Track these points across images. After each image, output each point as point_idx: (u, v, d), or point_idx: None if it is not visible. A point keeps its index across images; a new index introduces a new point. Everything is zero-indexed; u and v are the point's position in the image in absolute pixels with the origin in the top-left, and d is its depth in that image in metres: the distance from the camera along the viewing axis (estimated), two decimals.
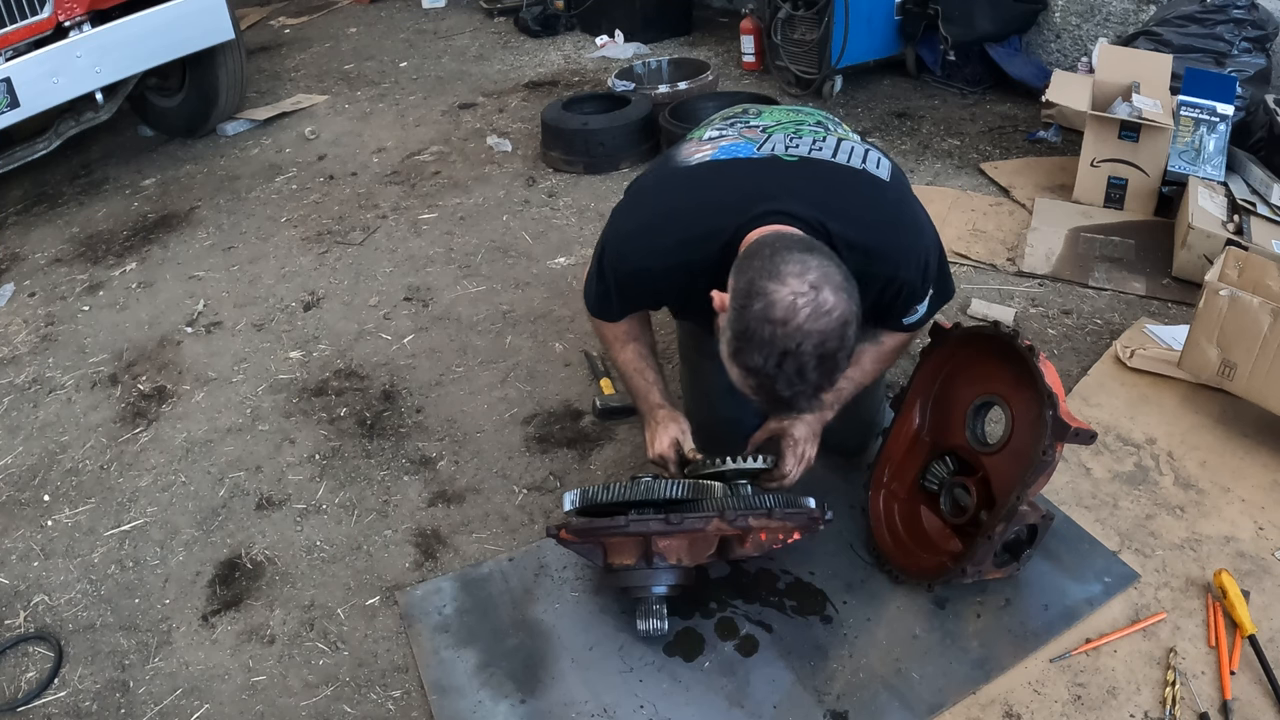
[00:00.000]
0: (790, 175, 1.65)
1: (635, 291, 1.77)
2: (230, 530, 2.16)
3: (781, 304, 1.37)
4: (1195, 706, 1.58)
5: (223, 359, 2.77)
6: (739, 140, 1.73)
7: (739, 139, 1.74)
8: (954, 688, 1.65)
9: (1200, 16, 3.23)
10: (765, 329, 1.38)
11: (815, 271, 1.39)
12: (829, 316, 1.38)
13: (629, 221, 1.76)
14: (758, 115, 1.86)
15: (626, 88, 3.98)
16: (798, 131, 1.75)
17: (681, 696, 1.68)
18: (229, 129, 4.38)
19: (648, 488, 1.72)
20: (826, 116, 1.92)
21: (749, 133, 1.75)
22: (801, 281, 1.38)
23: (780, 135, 1.73)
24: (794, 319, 1.37)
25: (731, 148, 1.71)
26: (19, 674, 1.88)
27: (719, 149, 1.72)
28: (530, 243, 3.23)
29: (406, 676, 1.79)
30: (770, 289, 1.38)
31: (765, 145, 1.70)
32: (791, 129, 1.75)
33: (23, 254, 3.50)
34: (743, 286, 1.42)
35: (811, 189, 1.62)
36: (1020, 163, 3.46)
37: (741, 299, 1.41)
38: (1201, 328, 2.12)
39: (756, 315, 1.38)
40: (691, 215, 1.65)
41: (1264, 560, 1.83)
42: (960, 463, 1.88)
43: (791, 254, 1.42)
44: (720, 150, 1.72)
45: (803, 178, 1.64)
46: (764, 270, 1.41)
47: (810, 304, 1.37)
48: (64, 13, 3.40)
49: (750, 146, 1.70)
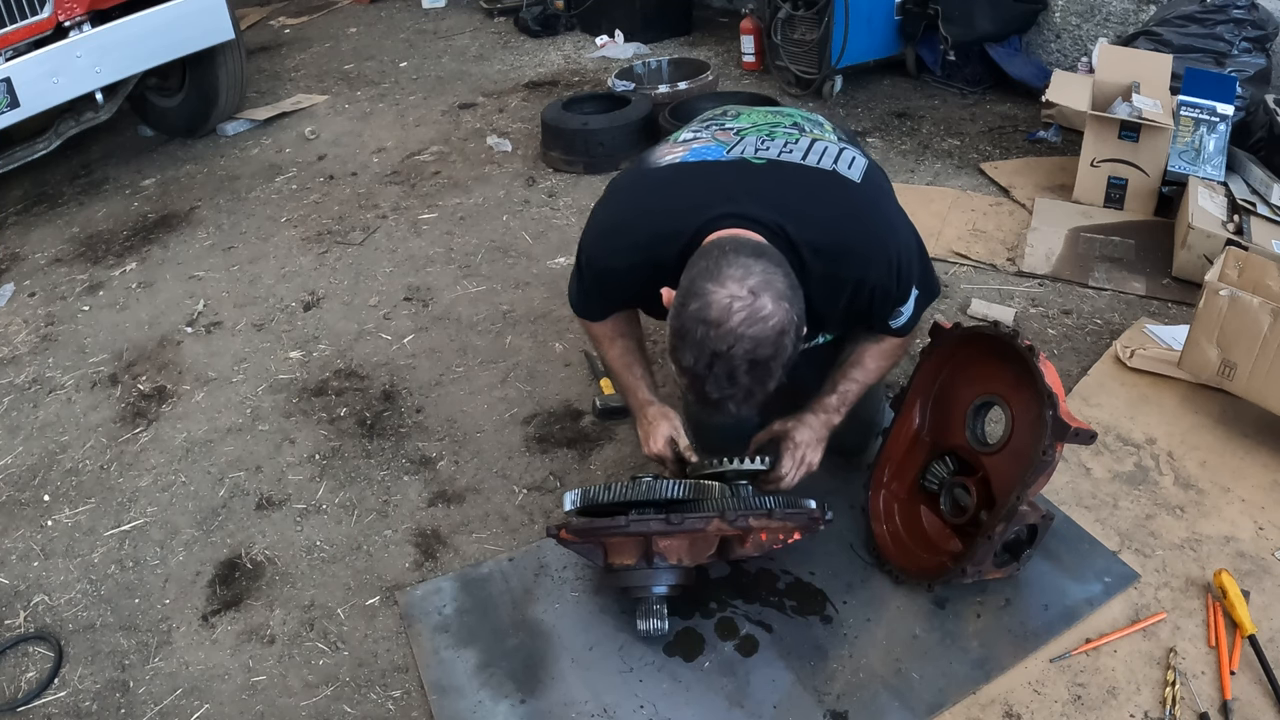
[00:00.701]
0: (755, 178, 1.64)
1: (609, 289, 1.79)
2: (230, 530, 2.16)
3: (717, 306, 1.38)
4: (1195, 706, 1.58)
5: (223, 359, 2.77)
6: (710, 143, 1.73)
7: (711, 141, 1.73)
8: (954, 688, 1.65)
9: (1200, 16, 3.24)
10: (698, 329, 1.38)
11: (757, 277, 1.40)
12: (764, 323, 1.38)
13: (601, 221, 1.77)
14: (735, 117, 1.85)
15: (626, 88, 3.98)
16: (771, 134, 1.73)
17: (681, 696, 1.68)
18: (229, 129, 4.38)
19: (648, 488, 1.72)
20: (807, 117, 1.89)
21: (722, 135, 1.75)
22: (740, 286, 1.38)
23: (753, 138, 1.72)
24: (727, 322, 1.37)
25: (702, 150, 1.71)
26: (19, 674, 1.88)
27: (690, 151, 1.72)
28: (530, 243, 3.23)
29: (406, 676, 1.79)
30: (708, 290, 1.39)
31: (735, 148, 1.70)
32: (766, 131, 1.75)
33: (23, 254, 3.50)
34: (685, 285, 1.43)
35: (775, 192, 1.61)
36: (1020, 163, 3.46)
37: (681, 297, 1.42)
38: (1201, 328, 2.12)
39: (691, 315, 1.39)
40: (656, 217, 1.66)
41: (1264, 560, 1.83)
42: (960, 463, 1.88)
43: (738, 257, 1.42)
44: (690, 153, 1.72)
45: (768, 181, 1.63)
46: (706, 271, 1.41)
47: (746, 309, 1.37)
48: (64, 13, 3.40)
49: (720, 149, 1.70)
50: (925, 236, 1.82)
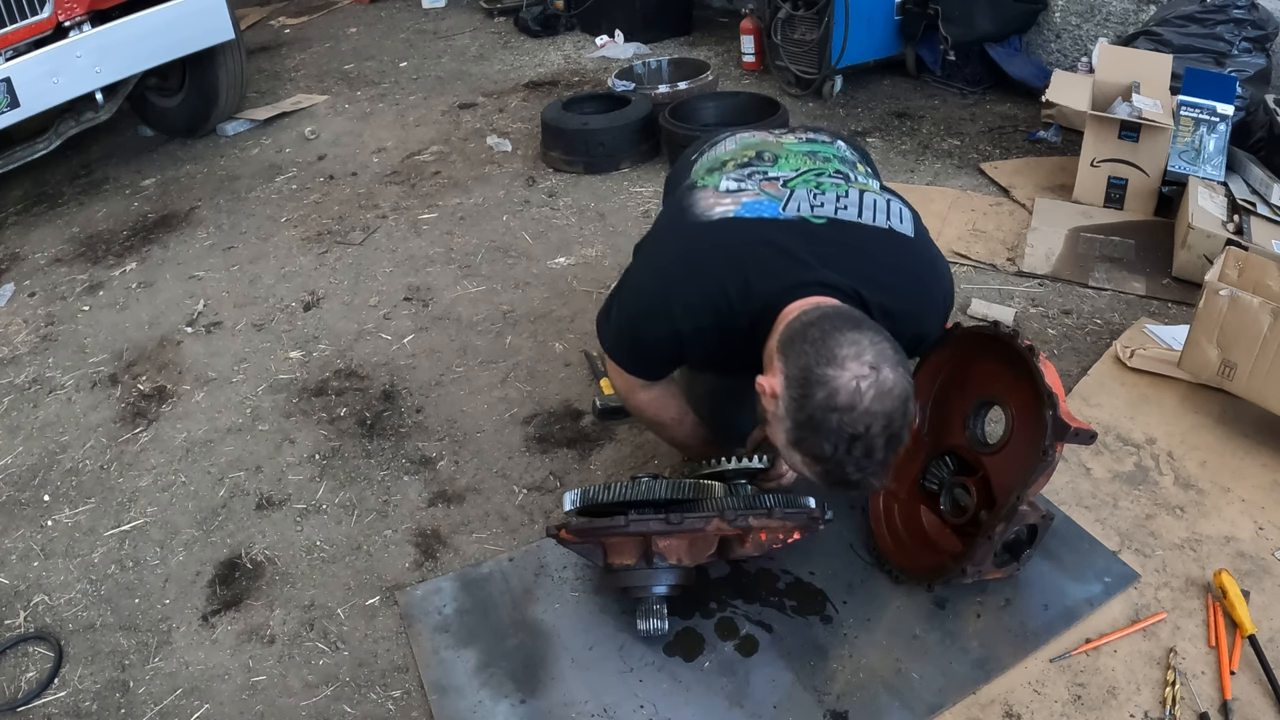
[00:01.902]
0: (821, 241, 1.59)
1: (667, 350, 1.72)
2: (230, 530, 2.16)
3: (845, 390, 1.35)
4: (1195, 706, 1.58)
5: (223, 359, 2.77)
6: (761, 197, 1.66)
7: (760, 195, 1.66)
8: (954, 688, 1.65)
9: (1200, 16, 3.24)
10: (832, 418, 1.35)
11: (871, 350, 1.38)
12: (892, 395, 1.37)
13: (657, 281, 1.68)
14: (774, 163, 1.76)
15: (626, 88, 3.98)
16: (819, 185, 1.68)
17: (681, 696, 1.68)
18: (229, 129, 4.39)
19: (648, 488, 1.72)
20: (841, 154, 1.85)
21: (769, 187, 1.68)
22: (860, 364, 1.36)
23: (803, 191, 1.66)
24: (860, 404, 1.35)
25: (756, 206, 1.64)
26: (19, 674, 1.88)
27: (742, 205, 1.65)
28: (530, 243, 3.23)
29: (406, 676, 1.79)
30: (831, 376, 1.36)
31: (790, 204, 1.64)
32: (813, 182, 1.69)
33: (23, 254, 3.50)
34: (798, 374, 1.39)
35: (844, 256, 1.58)
36: (1020, 163, 3.46)
37: (800, 388, 1.38)
38: (1201, 328, 2.12)
39: (820, 404, 1.36)
40: (723, 280, 1.59)
41: (1264, 560, 1.83)
42: (960, 463, 1.87)
43: (843, 333, 1.39)
44: (743, 207, 1.64)
45: (833, 243, 1.60)
46: (820, 356, 1.37)
47: (873, 385, 1.35)
48: (64, 13, 3.40)
49: (775, 205, 1.64)
50: None
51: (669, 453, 2.21)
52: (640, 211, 3.36)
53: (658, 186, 3.50)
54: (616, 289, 1.78)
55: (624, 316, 1.73)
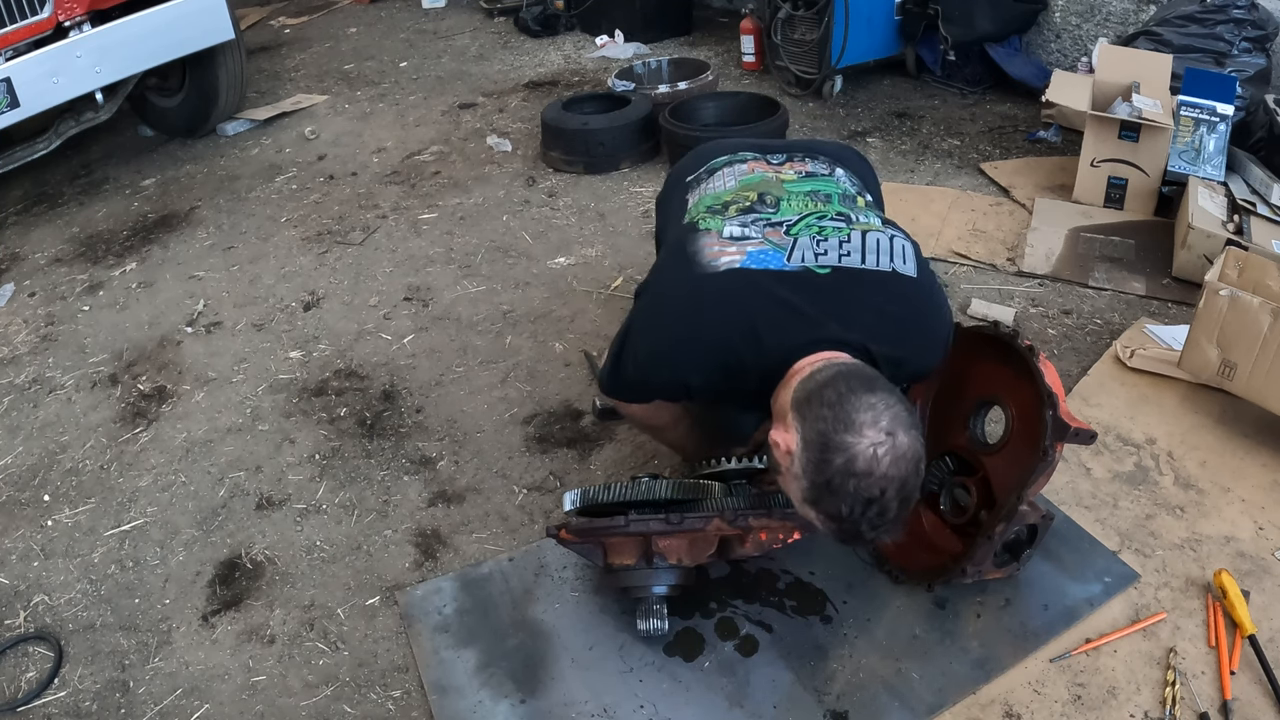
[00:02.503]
0: (827, 294, 1.62)
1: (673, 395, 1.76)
2: (230, 530, 2.16)
3: (863, 457, 1.38)
4: (1195, 706, 1.58)
5: (223, 359, 2.77)
6: (765, 246, 1.67)
7: (765, 244, 1.67)
8: (954, 688, 1.65)
9: (1200, 16, 3.23)
10: (849, 483, 1.39)
11: (886, 415, 1.40)
12: (906, 459, 1.40)
13: (663, 336, 1.69)
14: (776, 207, 1.76)
15: (626, 88, 3.98)
16: (821, 231, 1.69)
17: (681, 696, 1.68)
18: (229, 129, 4.39)
19: (648, 488, 1.72)
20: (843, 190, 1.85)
21: (773, 235, 1.69)
22: (877, 431, 1.39)
23: (806, 239, 1.68)
24: (877, 470, 1.38)
25: (760, 256, 1.65)
26: (19, 674, 1.88)
27: (746, 256, 1.66)
28: (530, 243, 3.23)
29: (406, 676, 1.79)
30: (849, 443, 1.39)
31: (794, 253, 1.65)
32: (815, 227, 1.70)
33: (23, 254, 3.50)
34: (816, 439, 1.41)
35: (849, 309, 1.61)
36: (1020, 163, 3.46)
37: (818, 452, 1.41)
38: (1201, 328, 2.12)
39: (839, 470, 1.39)
40: (733, 337, 1.61)
41: (1264, 560, 1.83)
42: (960, 463, 1.87)
43: (859, 397, 1.42)
44: (748, 257, 1.65)
45: (839, 296, 1.62)
46: (838, 422, 1.40)
47: (889, 452, 1.39)
48: (64, 13, 3.40)
49: (780, 256, 1.65)
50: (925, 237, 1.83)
51: (669, 453, 2.21)
52: (640, 211, 3.36)
53: (657, 187, 3.49)
54: (622, 337, 1.77)
55: (631, 361, 1.73)
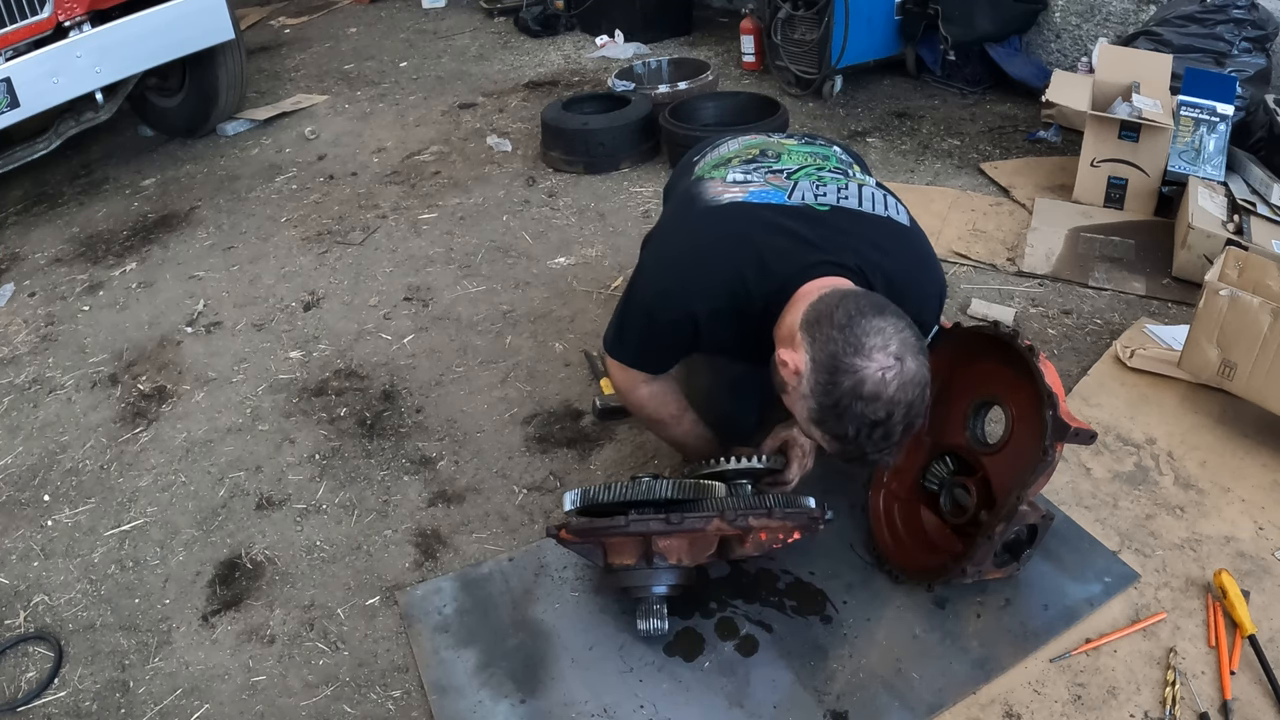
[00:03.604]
0: (826, 226, 1.66)
1: (680, 338, 1.73)
2: (230, 530, 2.16)
3: (871, 380, 1.40)
4: (1195, 706, 1.58)
5: (223, 359, 2.77)
6: (767, 188, 1.73)
7: (766, 185, 1.73)
8: (954, 688, 1.65)
9: (1200, 16, 3.23)
10: (857, 405, 1.41)
11: (895, 340, 1.43)
12: (914, 384, 1.42)
13: (670, 265, 1.72)
14: (777, 159, 1.83)
15: (626, 88, 3.98)
16: (821, 179, 1.75)
17: (681, 696, 1.68)
18: (229, 129, 4.38)
19: (648, 488, 1.72)
20: (838, 155, 1.92)
21: (774, 179, 1.75)
22: (886, 355, 1.41)
23: (806, 182, 1.73)
24: (884, 393, 1.41)
25: (763, 194, 1.71)
26: (19, 674, 1.88)
27: (749, 193, 1.72)
28: (530, 243, 3.23)
29: (406, 676, 1.79)
30: (858, 366, 1.41)
31: (795, 193, 1.71)
32: (815, 175, 1.76)
33: (23, 254, 3.50)
34: (826, 360, 1.43)
35: (848, 240, 1.65)
36: (1020, 163, 3.46)
37: (828, 374, 1.43)
38: (1201, 328, 2.12)
39: (847, 392, 1.41)
40: (738, 262, 1.64)
41: (1264, 560, 1.83)
42: (960, 463, 1.88)
43: (869, 320, 1.44)
44: (751, 194, 1.71)
45: (838, 229, 1.66)
46: (848, 344, 1.42)
47: (897, 377, 1.41)
48: (64, 13, 3.40)
49: (780, 194, 1.71)
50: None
51: (669, 453, 2.21)
52: (640, 211, 3.36)
53: (658, 186, 3.50)
54: (629, 290, 1.80)
55: (637, 307, 1.75)
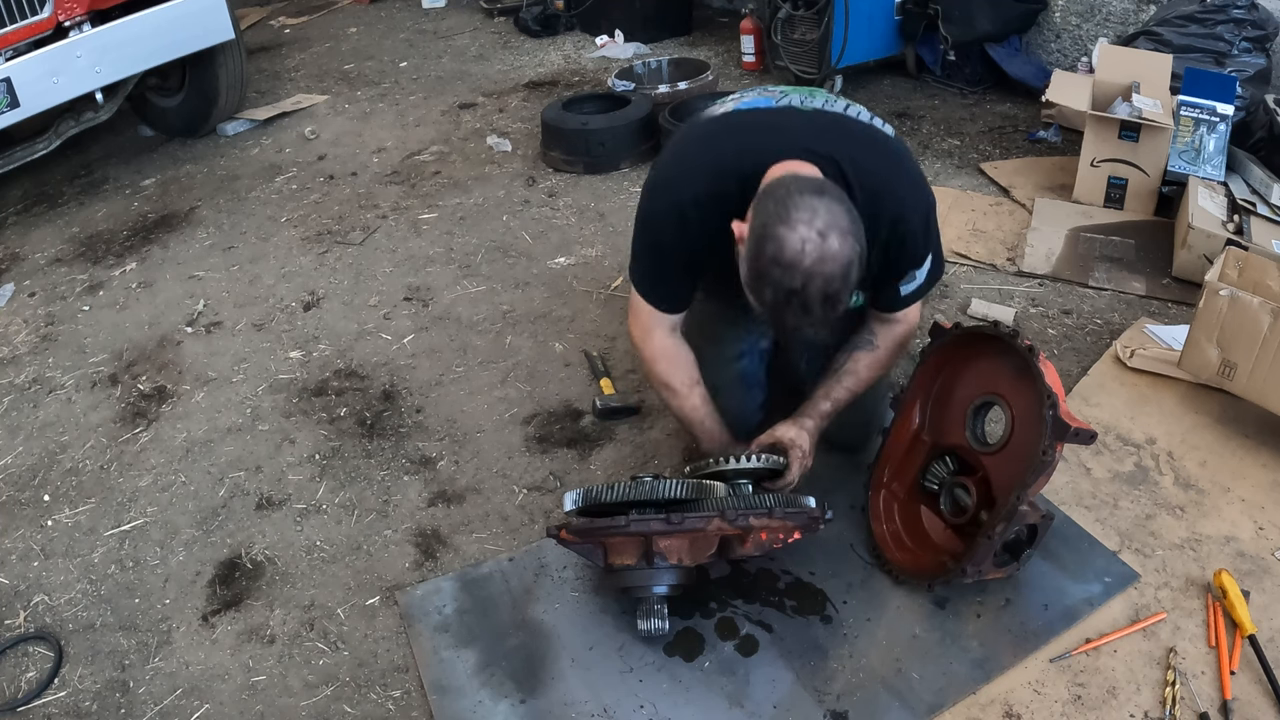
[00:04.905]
0: (806, 120, 1.80)
1: (672, 239, 1.82)
2: (230, 530, 2.16)
3: (790, 249, 1.49)
4: (1195, 706, 1.58)
5: (223, 359, 2.77)
6: (759, 96, 1.89)
7: (759, 95, 1.90)
8: (954, 688, 1.65)
9: (1200, 16, 3.23)
10: (775, 270, 1.50)
11: (823, 217, 1.50)
12: (834, 261, 1.49)
13: (663, 168, 1.89)
14: (772, 85, 2.01)
15: (626, 88, 3.98)
16: (811, 94, 1.90)
17: (681, 696, 1.68)
18: (229, 129, 4.38)
19: (650, 487, 1.72)
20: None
21: (767, 94, 1.90)
22: (809, 228, 1.49)
23: (796, 95, 1.88)
24: (801, 264, 1.49)
25: (753, 101, 1.88)
26: (19, 674, 1.88)
27: (741, 102, 1.88)
28: (530, 243, 3.23)
29: (406, 676, 1.79)
30: (781, 234, 1.50)
31: (783, 100, 1.86)
32: (806, 92, 1.91)
33: (23, 254, 3.50)
34: (758, 228, 1.54)
35: (826, 134, 1.76)
36: (1020, 163, 3.46)
37: (756, 242, 1.53)
38: (1201, 328, 2.12)
39: (768, 257, 1.51)
40: (718, 151, 1.78)
41: (1264, 560, 1.83)
42: (960, 463, 1.88)
43: (804, 198, 1.53)
44: (742, 103, 1.88)
45: (818, 124, 1.79)
46: (777, 214, 1.52)
47: (817, 250, 1.49)
48: (64, 13, 3.40)
49: (769, 100, 1.86)
50: None
51: (669, 453, 2.21)
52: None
53: None
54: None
55: (638, 219, 1.88)
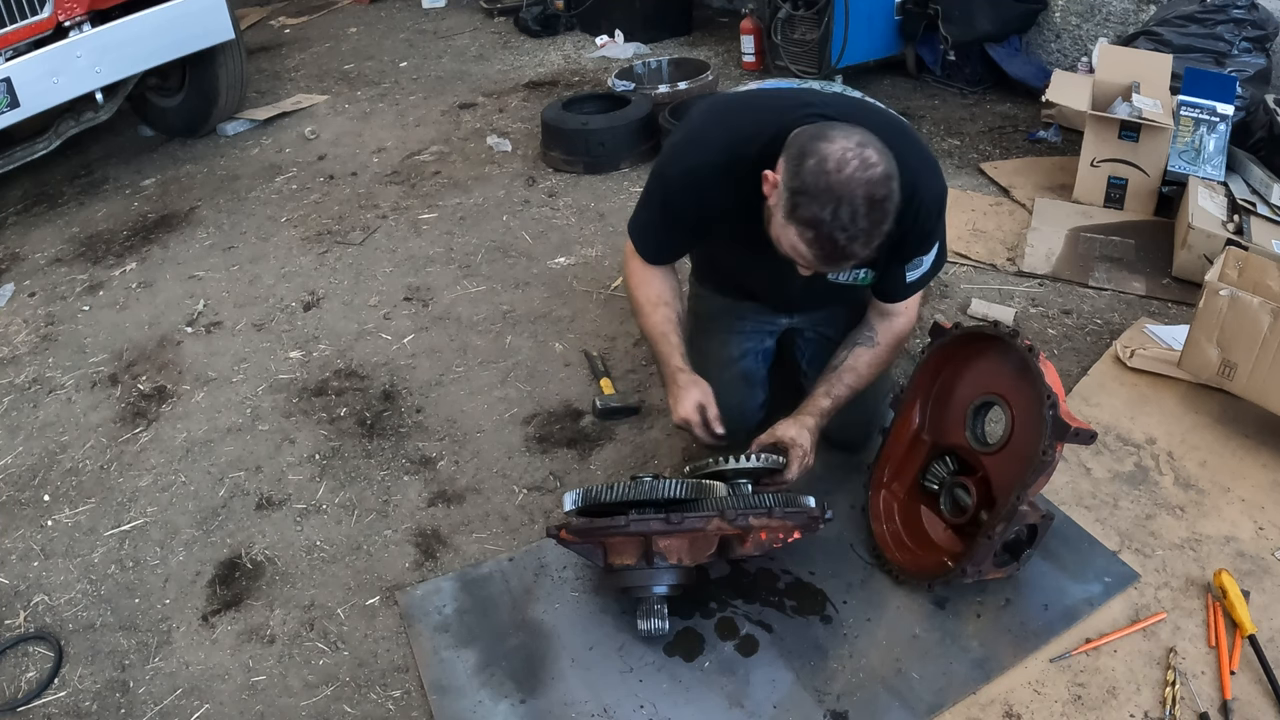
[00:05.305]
0: (826, 98, 1.84)
1: (683, 201, 1.84)
2: (230, 530, 2.16)
3: (833, 157, 1.53)
4: (1195, 706, 1.58)
5: (223, 359, 2.77)
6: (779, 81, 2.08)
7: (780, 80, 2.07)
8: (954, 688, 1.65)
9: (1200, 16, 3.23)
10: (821, 180, 1.53)
11: (859, 134, 1.57)
12: (876, 168, 1.54)
13: (682, 134, 1.90)
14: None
15: (626, 88, 3.98)
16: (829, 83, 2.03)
17: (681, 696, 1.68)
18: (229, 129, 4.38)
19: (649, 487, 1.72)
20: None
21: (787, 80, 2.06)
22: (848, 139, 1.55)
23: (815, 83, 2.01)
24: (845, 169, 1.53)
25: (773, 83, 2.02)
26: (19, 674, 1.88)
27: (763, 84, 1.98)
28: (530, 243, 3.23)
29: (406, 676, 1.79)
30: (821, 147, 1.55)
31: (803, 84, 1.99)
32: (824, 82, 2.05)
33: (23, 254, 3.50)
34: (796, 150, 1.58)
35: (847, 111, 1.78)
36: (1020, 163, 3.46)
37: (796, 160, 1.57)
38: (1201, 328, 2.12)
39: (811, 169, 1.54)
40: (740, 122, 1.81)
41: (1264, 560, 1.84)
42: (960, 463, 1.88)
43: (837, 126, 1.60)
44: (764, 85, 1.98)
45: (838, 104, 1.82)
46: (814, 134, 1.58)
47: (858, 157, 1.53)
48: (64, 13, 3.40)
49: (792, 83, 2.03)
50: None
51: (669, 453, 2.21)
52: None
53: None
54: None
55: (653, 176, 1.91)
